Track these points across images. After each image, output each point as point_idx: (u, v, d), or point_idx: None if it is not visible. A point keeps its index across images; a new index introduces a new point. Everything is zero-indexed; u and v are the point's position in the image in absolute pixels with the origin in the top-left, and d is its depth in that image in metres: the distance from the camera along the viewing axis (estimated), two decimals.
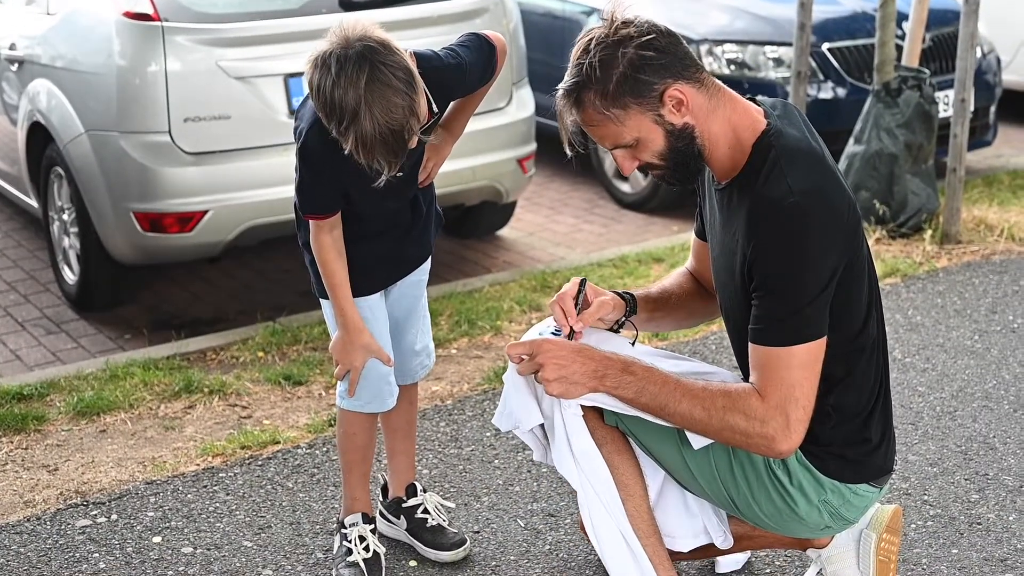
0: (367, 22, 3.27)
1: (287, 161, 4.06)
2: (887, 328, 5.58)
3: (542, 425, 3.32)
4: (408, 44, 3.38)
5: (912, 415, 4.83)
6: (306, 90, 3.35)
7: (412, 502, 3.98)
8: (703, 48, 7.82)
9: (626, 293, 3.46)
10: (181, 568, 3.90)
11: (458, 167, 6.03)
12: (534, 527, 4.10)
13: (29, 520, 4.19)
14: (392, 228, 3.68)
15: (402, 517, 3.99)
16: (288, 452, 4.63)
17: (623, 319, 3.43)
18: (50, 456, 4.65)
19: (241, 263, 7.10)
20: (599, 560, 3.48)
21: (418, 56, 3.39)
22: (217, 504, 4.28)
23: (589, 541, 3.37)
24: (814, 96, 7.61)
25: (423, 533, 3.95)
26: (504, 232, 7.64)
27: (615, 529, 3.21)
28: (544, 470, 4.39)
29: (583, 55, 2.98)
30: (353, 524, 3.83)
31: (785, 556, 3.87)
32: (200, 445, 4.69)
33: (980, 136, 8.39)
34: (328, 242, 3.53)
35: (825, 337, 2.95)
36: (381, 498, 4.08)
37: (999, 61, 8.77)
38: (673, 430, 3.18)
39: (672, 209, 7.95)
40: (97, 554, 3.99)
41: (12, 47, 6.69)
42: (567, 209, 8.20)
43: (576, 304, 3.28)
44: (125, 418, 4.93)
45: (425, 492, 4.02)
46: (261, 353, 5.56)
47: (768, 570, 3.82)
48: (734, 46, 7.87)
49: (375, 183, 3.30)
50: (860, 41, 7.86)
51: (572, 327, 3.24)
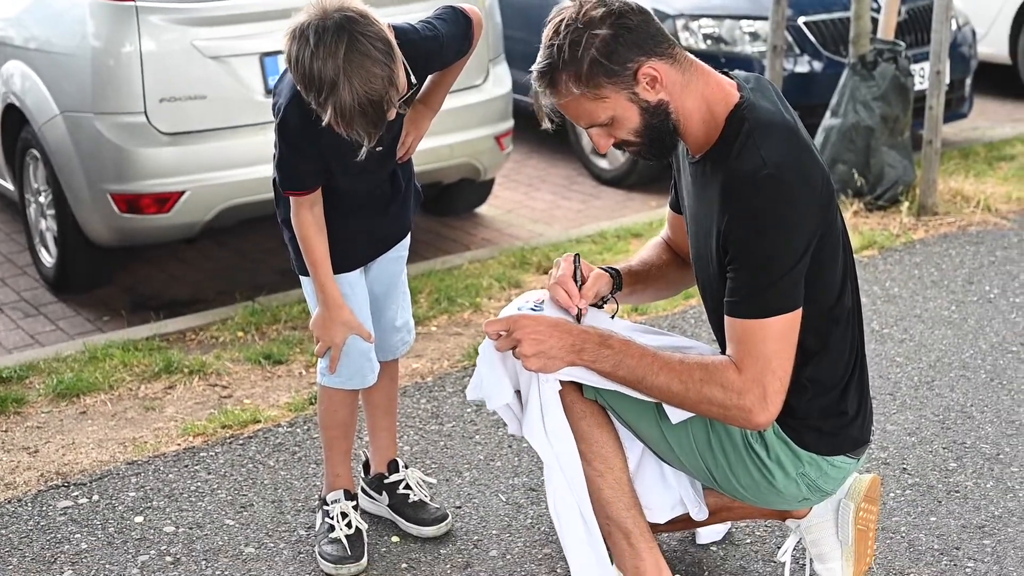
0: None
1: (264, 140, 4.05)
2: (864, 300, 5.62)
3: (518, 396, 3.32)
4: (385, 19, 3.37)
5: (890, 385, 4.85)
6: (283, 67, 3.34)
7: (394, 478, 3.99)
8: (679, 23, 7.82)
9: (611, 268, 3.47)
10: (163, 547, 3.90)
11: (436, 144, 6.02)
12: (515, 501, 4.12)
13: (10, 502, 4.19)
14: (370, 204, 3.68)
15: (384, 493, 4.00)
16: (269, 431, 4.63)
17: (608, 295, 3.44)
18: (30, 438, 4.65)
19: (219, 243, 7.09)
20: None
21: (395, 29, 3.38)
22: (199, 483, 4.29)
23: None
24: (790, 70, 7.62)
25: (405, 509, 3.96)
26: (482, 209, 7.64)
27: (575, 507, 3.22)
28: (525, 445, 4.40)
29: (554, 36, 2.97)
30: (335, 501, 3.84)
31: (765, 526, 3.89)
32: (181, 425, 4.69)
33: (956, 108, 8.41)
34: (309, 218, 3.53)
35: (800, 309, 2.96)
36: (363, 474, 4.09)
37: (974, 33, 8.80)
38: (652, 404, 3.19)
39: (650, 184, 7.97)
40: (79, 535, 3.99)
41: None
42: (545, 186, 8.21)
43: (576, 282, 3.29)
44: (105, 399, 4.93)
45: (407, 468, 4.03)
46: (241, 333, 5.56)
47: (748, 540, 3.84)
48: (710, 20, 7.87)
49: (355, 157, 3.30)
50: (836, 15, 7.88)
51: (579, 307, 3.24)
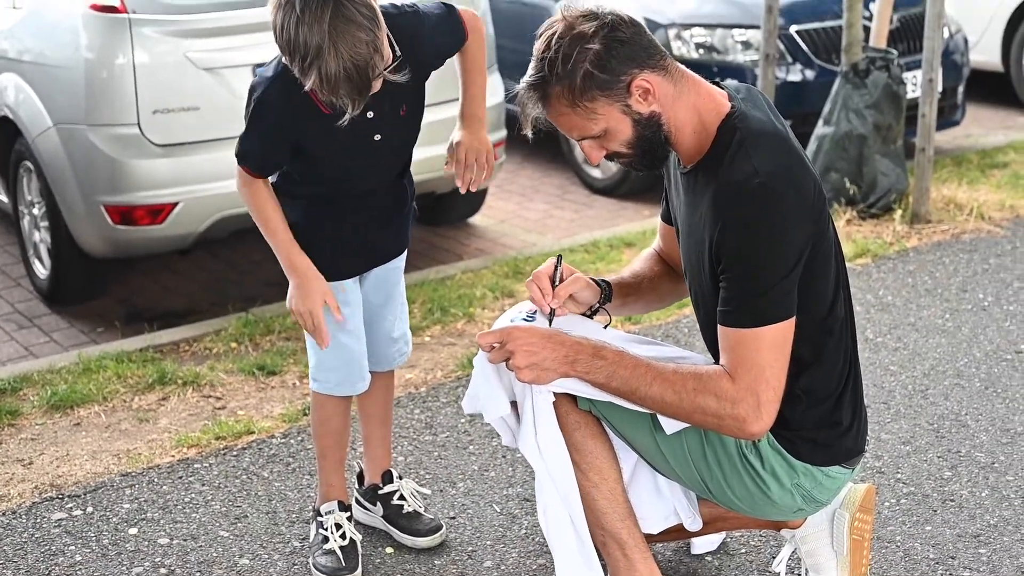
0: None
1: None
2: (858, 308, 5.62)
3: (515, 408, 3.32)
4: None
5: (884, 394, 4.85)
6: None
7: (388, 489, 3.99)
8: (671, 32, 7.82)
9: (602, 280, 3.47)
10: (158, 559, 3.90)
11: (428, 155, 6.01)
12: (510, 512, 4.12)
13: (4, 514, 4.18)
14: (373, 214, 3.68)
15: (378, 504, 4.00)
16: (263, 442, 4.63)
17: (597, 306, 3.44)
18: (24, 450, 4.64)
19: (212, 254, 7.09)
20: None
21: None
22: (193, 495, 4.28)
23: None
24: (783, 79, 7.63)
25: (399, 519, 3.96)
26: (476, 219, 7.65)
27: (567, 519, 3.21)
28: (519, 456, 4.40)
29: (546, 49, 2.97)
30: (329, 512, 3.83)
31: (760, 536, 3.89)
32: (175, 436, 4.68)
33: (948, 116, 8.42)
34: (263, 189, 3.52)
35: (794, 318, 2.96)
36: (357, 485, 4.09)
37: (967, 41, 8.81)
38: (646, 415, 3.19)
39: (643, 194, 7.97)
40: (73, 547, 3.99)
41: None
42: (538, 196, 8.21)
43: (553, 283, 3.29)
44: (99, 411, 4.92)
45: (401, 479, 4.03)
46: (234, 344, 5.56)
47: (743, 550, 3.84)
48: (702, 30, 7.88)
49: (347, 147, 3.31)
50: (828, 23, 7.88)
51: (551, 306, 3.25)
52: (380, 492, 4.00)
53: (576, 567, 3.24)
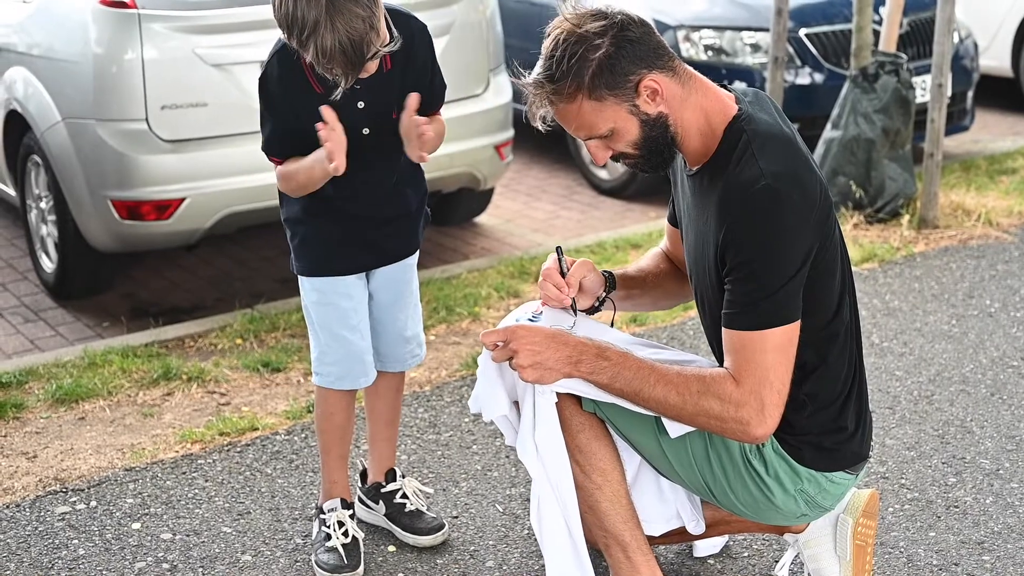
0: None
1: None
2: (864, 313, 5.61)
3: (517, 408, 3.32)
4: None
5: (889, 399, 4.85)
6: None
7: (391, 487, 3.99)
8: (680, 34, 7.81)
9: (605, 271, 3.47)
10: (160, 554, 3.90)
11: (436, 154, 6.01)
12: (512, 512, 4.11)
13: (8, 507, 4.19)
14: (368, 213, 3.68)
15: (381, 502, 4.00)
16: (267, 438, 4.63)
17: (604, 295, 3.44)
18: (29, 443, 4.65)
19: (218, 250, 7.09)
20: None
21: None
22: (196, 490, 4.29)
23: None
24: (791, 82, 7.62)
25: (402, 518, 3.96)
26: (482, 219, 7.64)
27: (561, 521, 3.21)
28: None
29: (555, 48, 2.97)
30: (332, 509, 3.83)
31: (763, 540, 3.88)
32: (179, 432, 4.68)
33: (957, 121, 8.41)
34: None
35: (799, 321, 2.95)
36: (360, 484, 4.09)
37: (976, 46, 8.80)
38: (650, 418, 3.18)
39: (649, 195, 7.97)
40: (76, 540, 3.99)
41: None
42: (545, 196, 8.20)
43: (562, 275, 3.30)
44: (104, 405, 4.93)
45: (404, 477, 4.03)
46: (239, 340, 5.56)
47: (746, 554, 3.83)
48: (711, 32, 7.87)
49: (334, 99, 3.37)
50: (837, 26, 7.88)
51: (572, 298, 3.26)
52: (383, 490, 4.00)
53: (568, 569, 3.23)
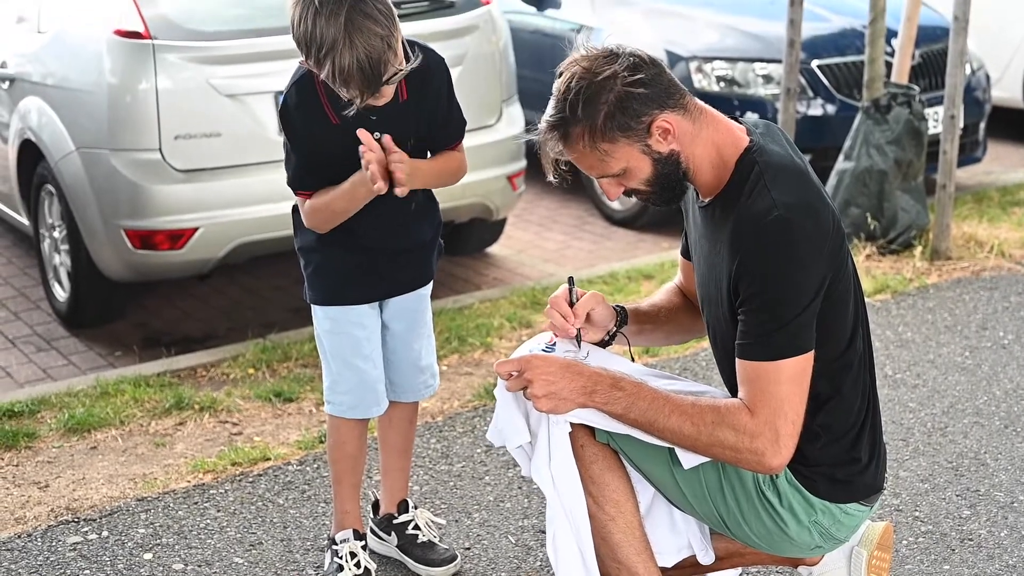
0: None
1: (277, 178, 4.07)
2: (877, 344, 5.60)
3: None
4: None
5: (903, 431, 4.83)
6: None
7: (403, 518, 3.98)
8: (692, 65, 7.82)
9: (617, 306, 3.46)
10: None
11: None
12: (525, 543, 4.10)
13: (20, 537, 4.19)
14: (382, 244, 3.69)
15: (393, 533, 3.99)
16: (279, 469, 4.63)
17: (614, 330, 3.43)
18: (41, 473, 4.64)
19: (231, 280, 7.10)
20: None
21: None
22: (208, 521, 4.28)
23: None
24: (803, 113, 7.62)
25: (414, 549, 3.95)
26: (494, 249, 7.64)
27: (576, 550, 3.19)
28: (535, 487, 4.38)
29: (567, 90, 2.97)
30: (344, 540, 3.83)
31: (776, 572, 3.87)
32: (191, 462, 4.68)
33: (970, 153, 8.40)
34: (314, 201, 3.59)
35: (812, 351, 2.95)
36: (372, 515, 4.08)
37: (988, 78, 8.80)
38: (664, 448, 3.17)
39: (661, 226, 7.96)
40: (88, 571, 3.98)
41: (3, 65, 6.68)
42: (557, 226, 8.21)
43: (571, 305, 3.29)
44: (116, 435, 4.93)
45: (416, 508, 4.02)
46: (251, 370, 5.56)
47: None
48: (723, 63, 7.88)
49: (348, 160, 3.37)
50: (849, 58, 7.88)
51: (577, 328, 3.25)
52: (395, 521, 3.99)
53: None
